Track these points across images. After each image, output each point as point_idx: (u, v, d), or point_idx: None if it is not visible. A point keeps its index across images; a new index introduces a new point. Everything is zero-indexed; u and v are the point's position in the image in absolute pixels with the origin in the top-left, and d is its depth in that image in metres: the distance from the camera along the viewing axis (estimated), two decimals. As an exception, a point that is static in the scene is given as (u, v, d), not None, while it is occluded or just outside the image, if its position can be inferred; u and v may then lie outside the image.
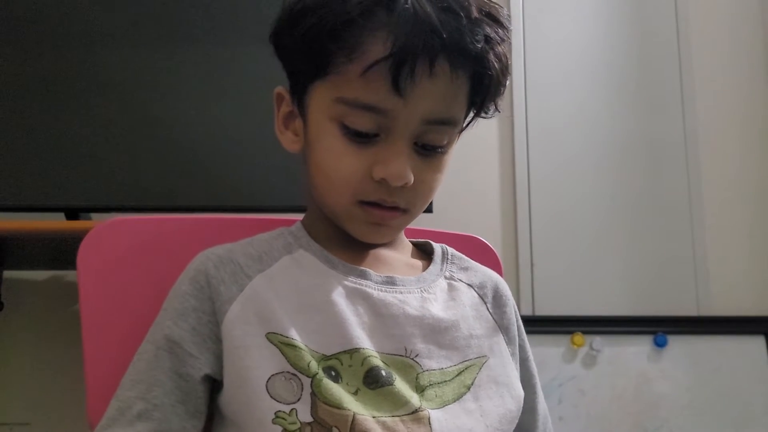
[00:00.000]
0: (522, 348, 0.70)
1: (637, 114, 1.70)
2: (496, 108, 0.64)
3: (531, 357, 0.71)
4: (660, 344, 1.55)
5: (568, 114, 1.69)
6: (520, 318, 0.71)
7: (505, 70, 0.60)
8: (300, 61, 0.60)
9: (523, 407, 0.66)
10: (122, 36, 1.37)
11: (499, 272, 0.76)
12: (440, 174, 0.62)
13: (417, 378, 0.58)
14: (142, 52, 1.36)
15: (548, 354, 1.53)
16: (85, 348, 0.65)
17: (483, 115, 0.64)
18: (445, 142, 0.61)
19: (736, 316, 1.59)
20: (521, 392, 0.64)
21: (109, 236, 0.69)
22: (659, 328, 1.56)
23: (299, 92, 0.62)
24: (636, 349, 1.55)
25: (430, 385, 0.58)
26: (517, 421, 0.63)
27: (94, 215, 1.37)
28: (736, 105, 1.72)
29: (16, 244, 1.26)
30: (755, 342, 1.57)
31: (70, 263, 1.24)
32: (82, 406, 0.63)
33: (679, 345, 1.56)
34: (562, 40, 1.72)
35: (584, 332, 1.54)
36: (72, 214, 1.31)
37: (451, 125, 0.60)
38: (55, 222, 1.25)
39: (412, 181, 0.59)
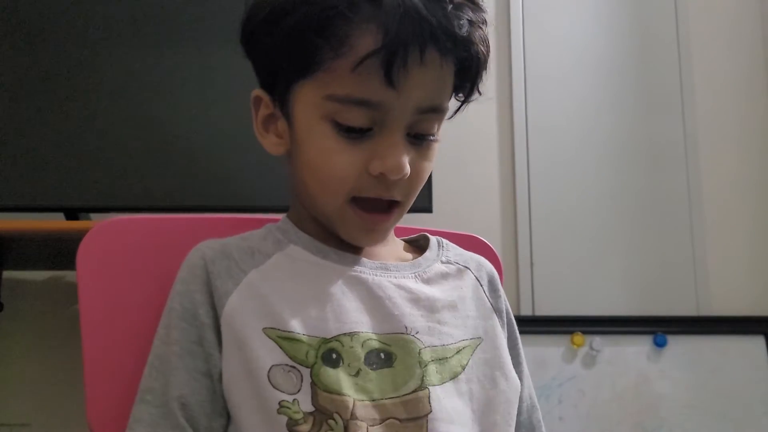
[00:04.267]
0: (512, 336, 0.70)
1: (637, 114, 1.70)
2: (478, 91, 0.64)
3: (520, 345, 0.71)
4: (660, 344, 1.55)
5: (568, 113, 1.69)
6: (510, 308, 0.71)
7: (488, 52, 0.61)
8: (283, 60, 0.59)
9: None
10: (122, 36, 1.37)
11: (499, 272, 0.76)
12: (431, 163, 0.62)
13: (420, 353, 0.58)
14: (142, 52, 1.36)
15: (548, 354, 1.53)
16: (84, 348, 0.64)
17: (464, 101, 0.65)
18: (435, 130, 0.61)
19: (735, 316, 1.59)
20: (516, 377, 0.64)
21: (108, 236, 0.69)
22: (659, 328, 1.56)
23: (281, 93, 0.61)
24: (636, 349, 1.55)
25: (432, 360, 0.58)
26: (515, 404, 0.62)
27: (93, 215, 1.37)
28: (736, 105, 1.72)
29: (16, 244, 1.26)
30: (755, 342, 1.56)
31: (69, 263, 1.24)
32: (82, 406, 0.63)
33: (678, 345, 1.55)
34: (562, 38, 1.72)
35: (584, 332, 1.54)
36: (72, 214, 1.31)
37: (440, 113, 0.60)
38: (54, 222, 1.25)
39: (409, 173, 0.58)
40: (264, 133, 0.65)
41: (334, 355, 0.56)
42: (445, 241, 0.71)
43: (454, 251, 0.70)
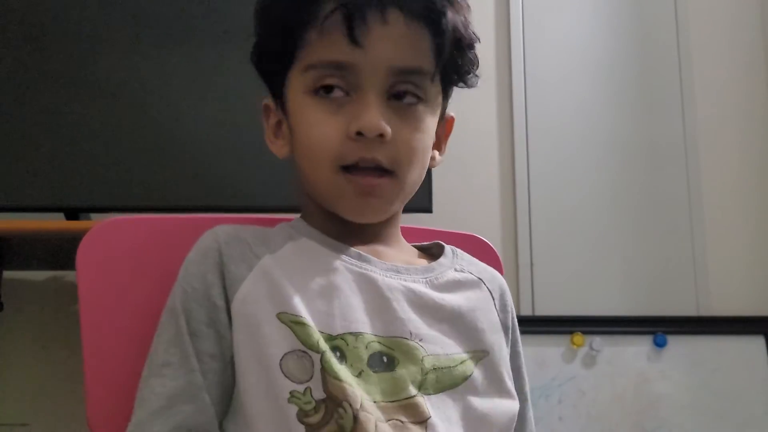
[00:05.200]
0: (516, 355, 0.70)
1: (637, 114, 1.70)
2: (468, 74, 0.65)
3: (524, 365, 0.71)
4: (659, 344, 1.55)
5: (568, 114, 1.69)
6: (517, 326, 0.71)
7: (465, 27, 0.62)
8: (274, 53, 0.63)
9: (522, 419, 0.66)
10: (122, 36, 1.37)
11: (500, 272, 0.76)
12: (421, 134, 0.62)
13: (422, 360, 0.58)
14: (142, 52, 1.36)
15: (548, 354, 1.53)
16: (84, 348, 0.64)
17: (456, 79, 0.66)
18: (418, 93, 0.61)
19: (735, 316, 1.59)
20: (515, 394, 0.64)
21: (108, 236, 0.69)
22: (659, 328, 1.56)
23: (280, 93, 0.65)
24: (636, 349, 1.55)
25: (433, 369, 0.58)
26: (512, 421, 0.62)
27: (93, 215, 1.37)
28: (736, 105, 1.72)
29: (16, 244, 1.26)
30: (755, 342, 1.56)
31: (69, 263, 1.24)
32: (81, 406, 0.63)
33: (678, 345, 1.55)
34: (562, 39, 1.72)
35: (584, 332, 1.54)
36: (72, 214, 1.31)
37: (418, 74, 0.61)
38: (54, 222, 1.25)
39: (389, 133, 0.58)
40: (273, 140, 0.68)
41: (338, 354, 0.55)
42: (459, 250, 0.71)
43: (468, 260, 0.70)
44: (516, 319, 0.71)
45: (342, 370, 0.54)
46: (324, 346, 0.55)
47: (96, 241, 0.68)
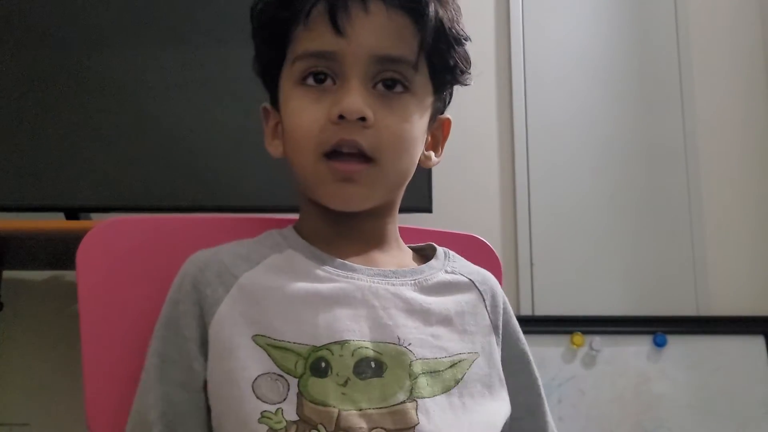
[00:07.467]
0: (523, 353, 0.70)
1: (637, 114, 1.70)
2: (459, 72, 0.65)
3: (532, 361, 0.71)
4: (659, 344, 1.55)
5: (568, 114, 1.69)
6: (517, 324, 0.70)
7: (452, 21, 0.62)
8: (267, 50, 0.65)
9: (533, 414, 0.66)
10: (122, 36, 1.37)
11: (499, 272, 0.76)
12: (406, 123, 0.61)
13: (411, 365, 0.57)
14: (143, 52, 1.37)
15: (548, 354, 1.53)
16: (84, 348, 0.64)
17: (448, 77, 0.65)
18: (404, 83, 0.61)
19: (735, 316, 1.59)
20: (506, 396, 0.64)
21: (108, 236, 0.69)
22: (659, 328, 1.56)
23: (275, 93, 0.66)
24: (635, 349, 1.55)
25: (423, 373, 0.58)
26: (501, 425, 0.62)
27: (94, 215, 1.37)
28: (736, 105, 1.72)
29: (16, 244, 1.27)
30: (755, 342, 1.56)
31: (69, 263, 1.24)
32: (81, 406, 0.63)
33: (678, 345, 1.55)
34: (562, 39, 1.72)
35: (584, 332, 1.54)
36: (72, 214, 1.31)
37: (402, 63, 0.61)
38: (55, 222, 1.25)
39: (371, 117, 0.59)
40: (271, 141, 0.68)
41: (323, 364, 0.55)
42: (452, 252, 0.70)
43: (460, 263, 0.69)
44: (513, 318, 0.70)
45: (322, 390, 0.54)
46: (303, 368, 0.55)
47: (96, 241, 0.68)
